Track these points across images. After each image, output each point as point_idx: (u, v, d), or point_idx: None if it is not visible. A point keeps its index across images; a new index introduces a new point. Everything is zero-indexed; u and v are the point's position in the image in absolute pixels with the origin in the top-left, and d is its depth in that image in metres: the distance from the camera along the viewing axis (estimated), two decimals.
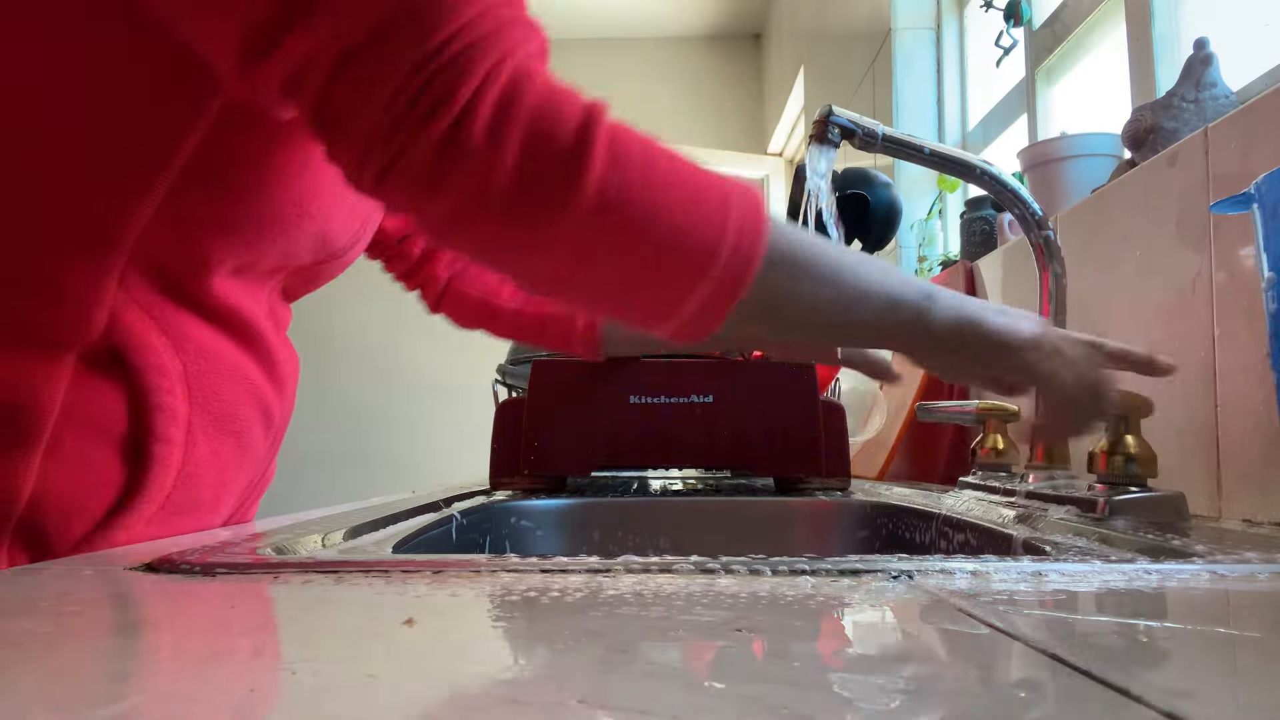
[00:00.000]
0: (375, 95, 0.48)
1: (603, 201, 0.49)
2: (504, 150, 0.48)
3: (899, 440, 1.37)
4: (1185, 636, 0.33)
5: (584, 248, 0.51)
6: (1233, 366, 0.74)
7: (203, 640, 0.33)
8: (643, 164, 0.50)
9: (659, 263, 0.51)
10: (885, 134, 0.85)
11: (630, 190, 0.49)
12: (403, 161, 0.49)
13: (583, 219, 0.49)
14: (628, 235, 0.50)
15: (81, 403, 0.58)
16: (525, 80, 0.49)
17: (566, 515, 0.99)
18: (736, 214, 0.52)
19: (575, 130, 0.49)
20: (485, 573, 0.44)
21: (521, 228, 0.50)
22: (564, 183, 0.48)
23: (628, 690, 0.26)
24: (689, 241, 0.50)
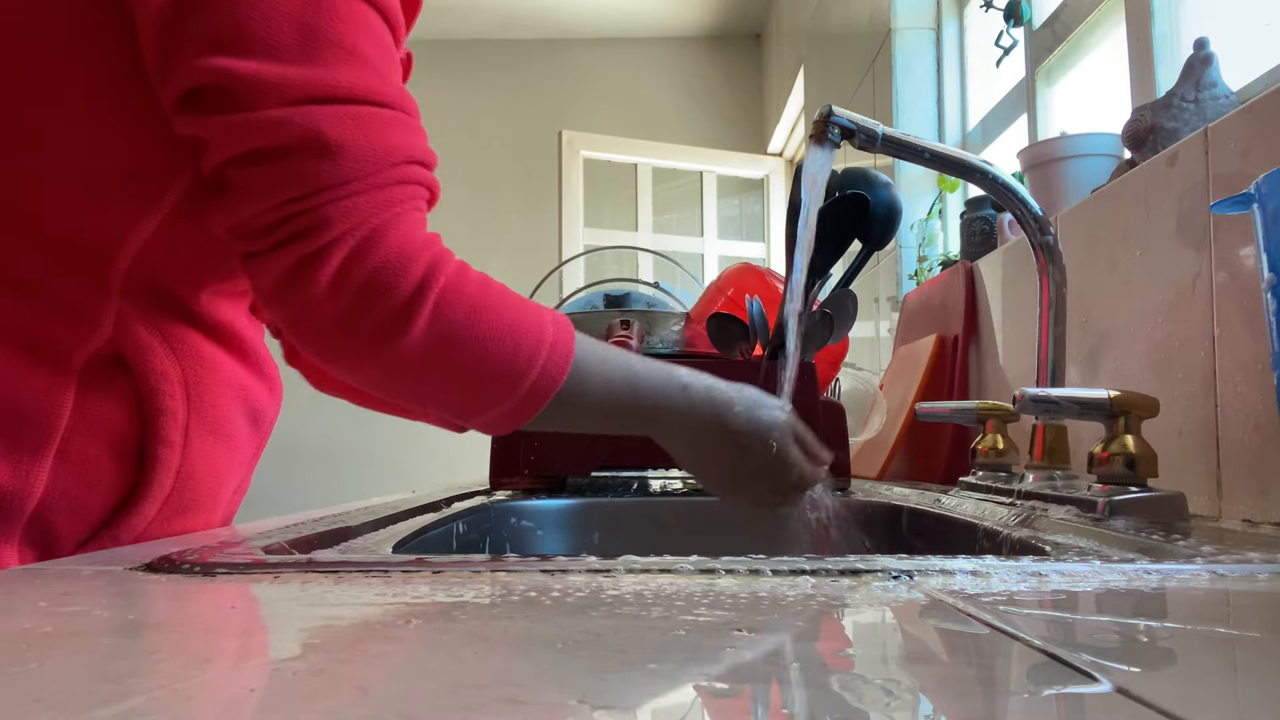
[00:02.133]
0: (253, 200, 0.56)
1: (419, 352, 0.59)
2: (341, 295, 0.57)
3: (899, 440, 1.37)
4: (1185, 636, 0.33)
5: (397, 381, 0.61)
6: (1233, 366, 0.74)
7: (203, 640, 0.33)
8: (466, 319, 0.60)
9: (460, 398, 0.63)
10: (885, 134, 0.85)
11: (447, 345, 0.59)
12: (257, 261, 0.58)
13: (400, 363, 0.59)
14: (439, 378, 0.61)
15: (89, 408, 0.61)
16: (380, 239, 0.57)
17: (566, 515, 0.99)
18: (539, 368, 0.62)
19: (410, 290, 0.58)
20: (485, 573, 0.44)
21: (343, 357, 0.60)
22: (389, 333, 0.58)
23: (628, 690, 0.26)
24: (490, 387, 0.61)
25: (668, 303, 1.44)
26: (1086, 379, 0.97)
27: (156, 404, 0.63)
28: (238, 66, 0.54)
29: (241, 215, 0.56)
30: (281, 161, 0.55)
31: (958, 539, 0.78)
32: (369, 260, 0.57)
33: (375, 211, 0.57)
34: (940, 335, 1.39)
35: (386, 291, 0.57)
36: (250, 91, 0.54)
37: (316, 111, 0.55)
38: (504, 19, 4.18)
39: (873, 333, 2.16)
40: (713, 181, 4.20)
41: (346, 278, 0.56)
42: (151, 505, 0.64)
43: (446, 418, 0.67)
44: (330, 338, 0.59)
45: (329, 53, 0.56)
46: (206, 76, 0.54)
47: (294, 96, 0.55)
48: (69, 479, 0.60)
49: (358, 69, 0.57)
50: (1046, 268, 0.86)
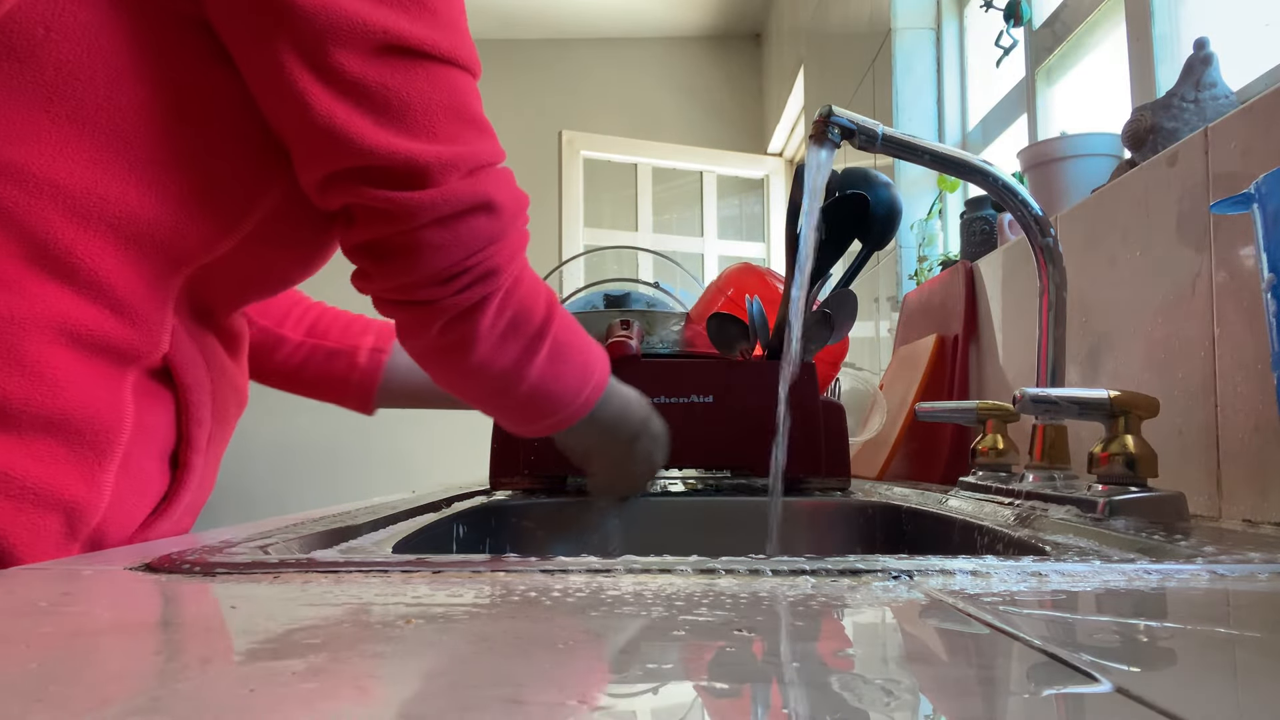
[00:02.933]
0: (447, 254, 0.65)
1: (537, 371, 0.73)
2: (498, 324, 0.69)
3: (899, 440, 1.37)
4: (1185, 636, 0.33)
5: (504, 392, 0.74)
6: (1233, 366, 0.74)
7: (203, 640, 0.33)
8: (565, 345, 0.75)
9: (542, 408, 0.77)
10: (885, 134, 0.85)
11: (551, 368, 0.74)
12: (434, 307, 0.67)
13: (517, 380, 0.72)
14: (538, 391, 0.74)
15: (144, 420, 0.64)
16: (523, 277, 0.71)
17: (566, 515, 0.99)
18: (591, 384, 0.78)
19: (540, 319, 0.72)
20: (485, 573, 0.44)
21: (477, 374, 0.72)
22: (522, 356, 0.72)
23: (627, 690, 0.26)
24: (562, 399, 0.77)
25: (668, 303, 1.44)
26: (1086, 379, 0.97)
27: (194, 415, 0.67)
28: (418, 149, 0.62)
29: (421, 275, 0.65)
30: (461, 224, 0.64)
31: (958, 539, 0.78)
32: (516, 295, 0.70)
33: (519, 251, 0.70)
34: (940, 335, 1.39)
35: (526, 322, 0.71)
36: (431, 172, 0.62)
37: (481, 178, 0.65)
38: (504, 19, 4.18)
39: (873, 333, 2.16)
40: (713, 181, 4.20)
41: (503, 311, 0.69)
42: (179, 509, 0.68)
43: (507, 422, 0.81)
44: (473, 361, 0.70)
45: (472, 129, 0.65)
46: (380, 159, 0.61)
47: (466, 169, 0.64)
48: (126, 488, 0.63)
49: (488, 138, 0.67)
50: (1046, 268, 0.86)
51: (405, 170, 0.61)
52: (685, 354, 1.16)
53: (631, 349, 1.04)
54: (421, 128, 0.62)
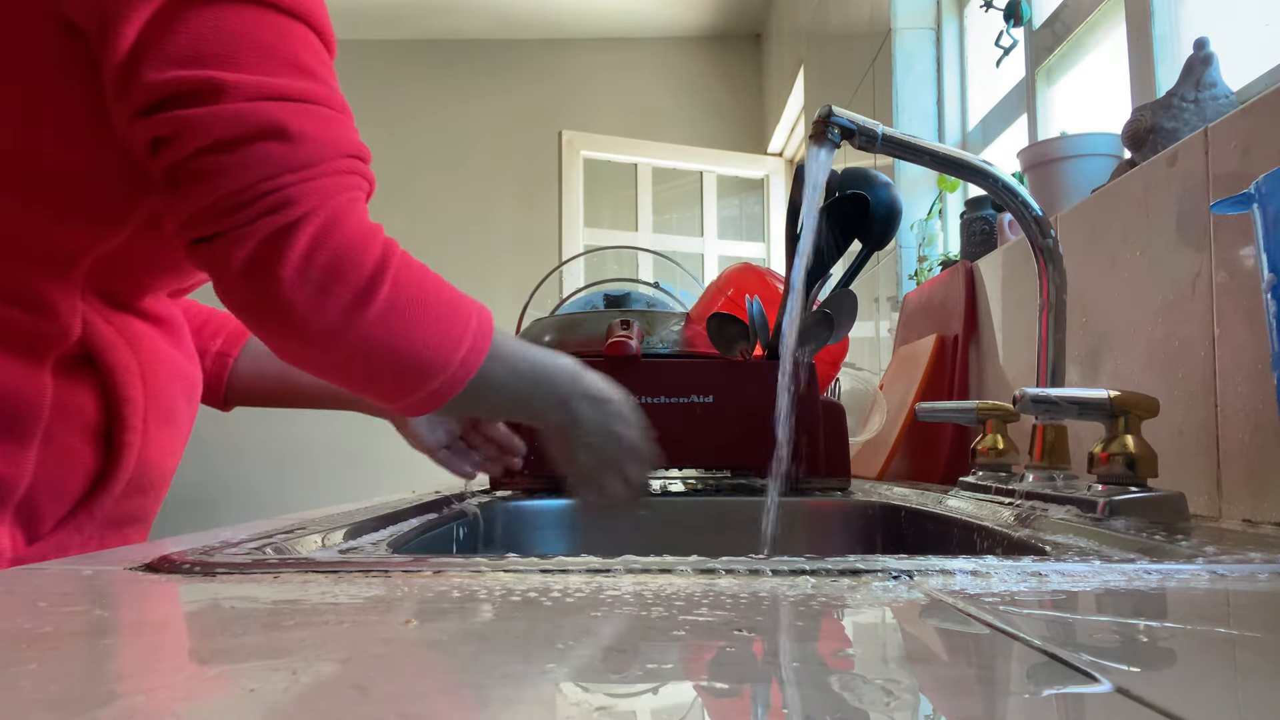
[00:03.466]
0: (221, 182, 0.61)
1: (376, 329, 0.64)
2: (309, 271, 0.62)
3: (899, 440, 1.37)
4: (1185, 636, 0.33)
5: (353, 355, 0.66)
6: (1233, 366, 0.74)
7: (202, 640, 0.33)
8: (416, 299, 0.66)
9: (403, 373, 0.67)
10: (885, 134, 0.85)
11: (398, 324, 0.65)
12: (221, 241, 0.62)
13: (361, 337, 0.64)
14: (387, 353, 0.66)
15: (64, 400, 0.68)
16: (343, 218, 0.64)
17: (566, 515, 0.99)
18: (466, 345, 0.69)
19: (373, 266, 0.64)
20: (485, 573, 0.44)
21: (303, 332, 0.64)
22: (354, 308, 0.63)
23: (627, 690, 0.26)
24: (429, 361, 0.67)
25: (668, 303, 1.44)
26: (1086, 379, 0.97)
27: (121, 394, 0.70)
28: (201, 73, 0.60)
29: (209, 198, 0.61)
30: (247, 148, 0.61)
31: (958, 539, 0.78)
32: (333, 240, 0.63)
33: (333, 194, 0.63)
34: (940, 335, 1.39)
35: (353, 267, 0.63)
36: (215, 90, 0.60)
37: (274, 106, 0.62)
38: (504, 19, 4.18)
39: (873, 333, 2.16)
40: (713, 181, 4.20)
41: (314, 256, 0.62)
42: (119, 485, 0.71)
43: (384, 401, 0.71)
44: (294, 313, 0.63)
45: (278, 63, 0.63)
46: (173, 86, 0.60)
47: (253, 94, 0.61)
48: (52, 464, 0.67)
49: (304, 77, 0.64)
50: (1046, 269, 0.86)
51: (191, 89, 0.60)
52: (685, 354, 1.16)
53: (631, 349, 1.05)
54: (215, 57, 0.61)
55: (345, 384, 0.71)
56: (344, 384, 0.71)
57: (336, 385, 0.72)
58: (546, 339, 1.25)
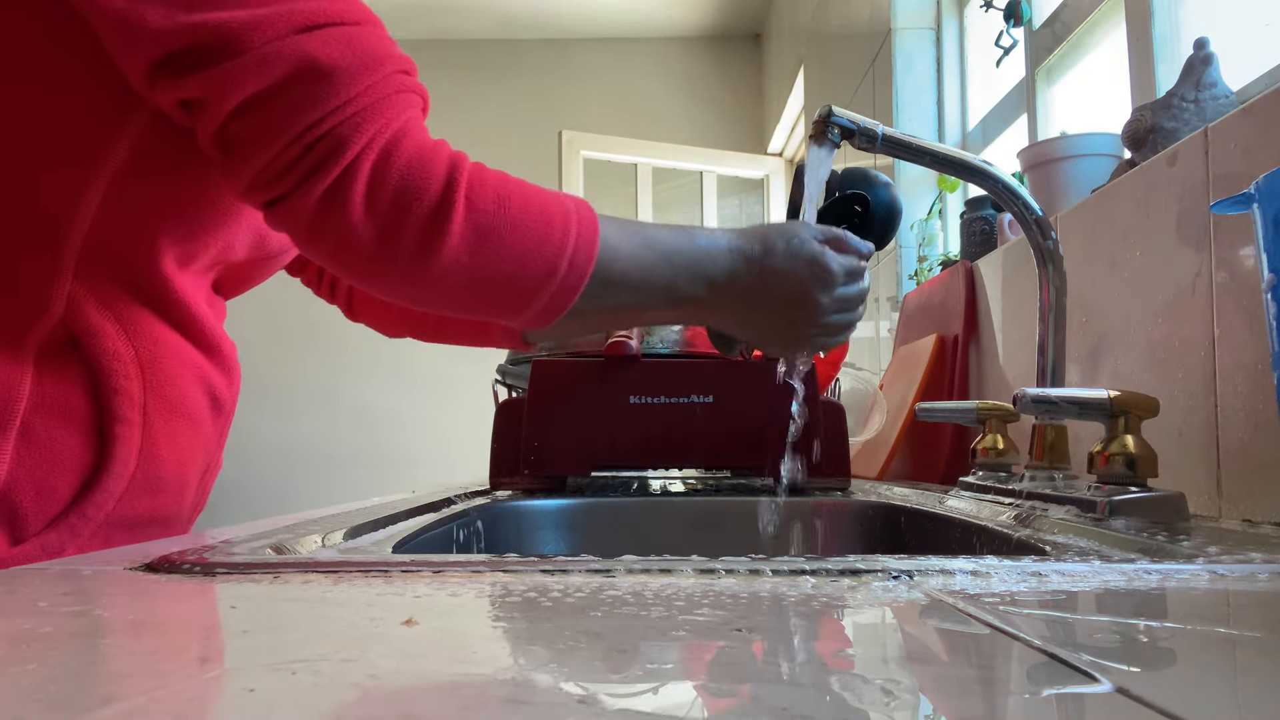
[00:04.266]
0: (268, 143, 0.57)
1: (462, 249, 0.60)
2: (377, 208, 0.58)
3: (899, 440, 1.37)
4: (1185, 636, 0.33)
5: (446, 286, 0.62)
6: (1233, 366, 0.74)
7: (203, 640, 0.33)
8: (496, 209, 0.61)
9: (508, 288, 0.63)
10: (885, 134, 0.85)
11: (486, 236, 0.61)
12: (285, 205, 0.58)
13: (446, 266, 0.60)
14: (485, 271, 0.61)
15: (47, 389, 0.63)
16: (399, 145, 0.59)
17: (566, 515, 0.99)
18: (574, 240, 0.64)
19: (440, 189, 0.59)
20: (485, 573, 0.44)
21: (391, 272, 0.61)
22: (430, 236, 0.59)
23: (628, 690, 0.26)
24: (533, 269, 0.63)
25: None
26: (1086, 379, 0.97)
27: (110, 384, 0.64)
28: (212, 17, 0.55)
29: (260, 162, 0.57)
30: (284, 97, 0.56)
31: (958, 539, 0.78)
32: (394, 169, 0.58)
33: (385, 120, 0.59)
34: (940, 335, 1.39)
35: (418, 195, 0.59)
36: (234, 38, 0.55)
37: (300, 40, 0.56)
38: (504, 19, 4.18)
39: (873, 333, 2.16)
40: (713, 181, 4.20)
41: (378, 190, 0.58)
42: (117, 482, 0.65)
43: (504, 321, 0.68)
44: (375, 258, 0.60)
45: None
46: (185, 37, 0.55)
47: (275, 33, 0.56)
48: (33, 460, 0.62)
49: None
50: (1046, 269, 0.86)
51: (206, 41, 0.55)
52: (685, 354, 1.16)
53: (631, 349, 1.04)
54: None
55: (457, 311, 0.67)
56: (456, 311, 0.67)
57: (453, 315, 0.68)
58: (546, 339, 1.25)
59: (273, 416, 4.01)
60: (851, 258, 0.75)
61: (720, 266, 0.70)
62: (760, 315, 0.73)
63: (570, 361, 1.06)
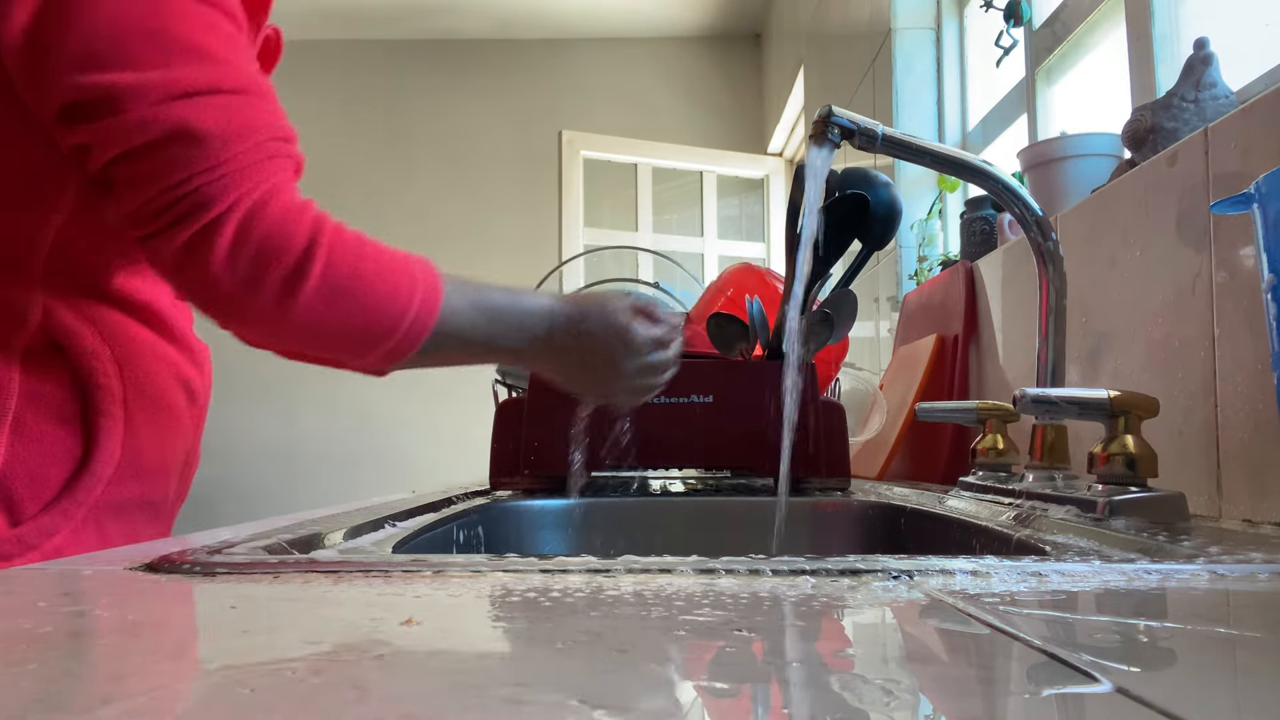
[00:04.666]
0: (141, 190, 0.63)
1: (316, 304, 0.66)
2: (239, 263, 0.64)
3: (899, 440, 1.37)
4: (1185, 636, 0.33)
5: (299, 335, 0.69)
6: (1233, 366, 0.74)
7: (203, 640, 0.33)
8: (351, 270, 0.68)
9: (356, 340, 0.70)
10: (885, 134, 0.85)
11: (339, 294, 0.67)
12: (154, 243, 0.65)
13: (300, 318, 0.66)
14: (335, 325, 0.68)
15: (34, 387, 0.70)
16: (265, 206, 0.65)
17: (566, 515, 0.99)
18: (418, 302, 0.70)
19: (300, 249, 0.65)
20: (485, 573, 0.44)
21: (247, 319, 0.67)
22: (288, 291, 0.65)
23: (628, 690, 0.26)
24: (379, 326, 0.69)
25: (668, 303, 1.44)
26: (1086, 379, 0.97)
27: (92, 381, 0.71)
28: (101, 79, 0.61)
29: (130, 206, 0.64)
30: (158, 155, 0.63)
31: (958, 539, 0.78)
32: (258, 227, 0.64)
33: (252, 184, 0.65)
34: (940, 335, 1.39)
35: (279, 253, 0.65)
36: (118, 99, 0.62)
37: (178, 106, 0.63)
38: (504, 19, 4.18)
39: (873, 333, 2.16)
40: (713, 181, 4.20)
41: (241, 247, 0.64)
42: (103, 469, 0.72)
43: (348, 364, 0.74)
44: (232, 304, 0.66)
45: (178, 54, 0.63)
46: (76, 93, 0.62)
47: (156, 97, 0.62)
48: (26, 451, 0.69)
49: (206, 64, 0.64)
50: (1046, 269, 0.86)
51: (94, 98, 0.62)
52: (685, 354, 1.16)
53: None
54: (112, 57, 0.61)
55: (309, 353, 0.73)
56: (308, 353, 0.73)
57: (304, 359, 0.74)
58: None
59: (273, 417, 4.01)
60: (660, 327, 0.83)
61: (540, 326, 0.78)
62: (573, 370, 0.82)
63: None
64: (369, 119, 4.22)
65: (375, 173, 4.21)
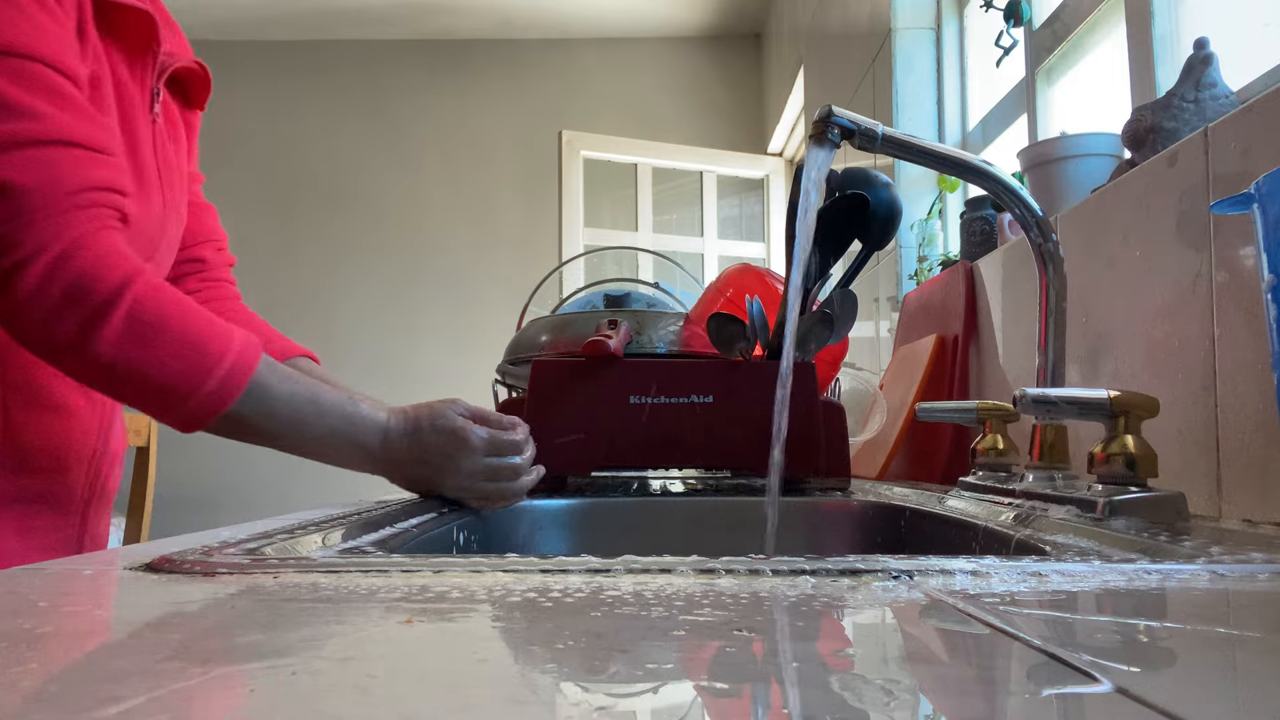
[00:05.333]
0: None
1: (115, 351, 0.69)
2: (43, 301, 0.67)
3: (899, 440, 1.37)
4: (1185, 636, 0.33)
5: (97, 377, 0.71)
6: (1233, 366, 0.74)
7: (203, 640, 0.33)
8: (155, 324, 0.70)
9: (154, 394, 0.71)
10: (885, 134, 0.85)
11: (139, 344, 0.69)
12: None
13: (99, 361, 0.69)
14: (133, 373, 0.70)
15: None
16: (76, 252, 0.68)
17: (566, 515, 0.99)
18: (225, 370, 0.72)
19: (106, 295, 0.68)
20: (485, 572, 0.44)
21: (50, 353, 0.70)
22: (87, 333, 0.68)
23: (627, 690, 0.26)
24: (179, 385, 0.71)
25: (667, 303, 1.44)
26: (1086, 379, 0.97)
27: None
28: None
29: None
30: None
31: (958, 539, 0.78)
32: (68, 271, 0.68)
33: (61, 232, 0.68)
34: (940, 335, 1.39)
35: (83, 297, 0.68)
36: None
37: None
38: (504, 19, 4.18)
39: (873, 333, 2.16)
40: (713, 181, 4.20)
41: (47, 286, 0.67)
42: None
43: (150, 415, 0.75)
44: (34, 338, 0.69)
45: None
46: None
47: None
48: None
49: (25, 121, 0.67)
50: (1046, 269, 0.86)
51: None
52: (685, 354, 1.16)
53: (609, 349, 1.04)
54: None
55: (110, 396, 0.76)
56: (110, 396, 0.76)
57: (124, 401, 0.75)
58: (542, 339, 1.25)
59: None
60: (503, 433, 0.85)
61: (374, 439, 0.81)
62: (417, 473, 0.84)
63: (570, 361, 1.06)
64: (369, 119, 4.23)
65: (375, 173, 4.21)
